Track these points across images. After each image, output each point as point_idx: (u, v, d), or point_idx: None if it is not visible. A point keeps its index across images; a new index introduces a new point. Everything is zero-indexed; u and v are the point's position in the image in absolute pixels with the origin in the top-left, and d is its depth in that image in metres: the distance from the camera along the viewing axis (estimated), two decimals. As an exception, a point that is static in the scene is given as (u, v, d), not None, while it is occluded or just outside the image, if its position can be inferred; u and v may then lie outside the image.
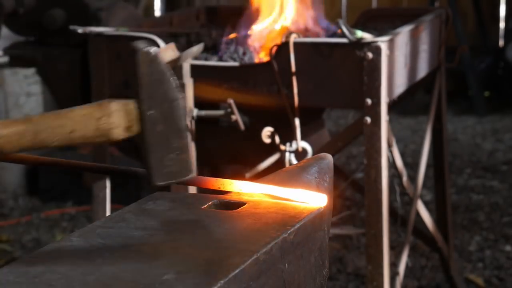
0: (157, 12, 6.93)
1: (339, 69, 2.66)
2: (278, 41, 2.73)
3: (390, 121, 2.70)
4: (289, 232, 1.12)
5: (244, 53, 2.82)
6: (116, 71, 2.90)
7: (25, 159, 1.36)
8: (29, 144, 1.11)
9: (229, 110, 2.61)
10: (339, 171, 3.58)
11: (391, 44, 2.65)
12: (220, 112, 2.66)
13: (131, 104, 1.15)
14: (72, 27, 2.97)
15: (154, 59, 1.14)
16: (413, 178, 3.22)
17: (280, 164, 2.74)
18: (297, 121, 2.70)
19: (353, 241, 4.24)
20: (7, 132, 1.11)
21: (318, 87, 2.70)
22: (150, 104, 1.13)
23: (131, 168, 1.33)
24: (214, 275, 0.99)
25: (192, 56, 2.58)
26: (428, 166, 3.46)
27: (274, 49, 2.69)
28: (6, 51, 5.12)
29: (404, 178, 3.02)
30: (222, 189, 1.24)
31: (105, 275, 1.00)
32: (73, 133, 1.13)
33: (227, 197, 1.26)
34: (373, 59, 2.58)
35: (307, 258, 1.17)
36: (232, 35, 2.88)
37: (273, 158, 2.82)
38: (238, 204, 1.22)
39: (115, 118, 1.14)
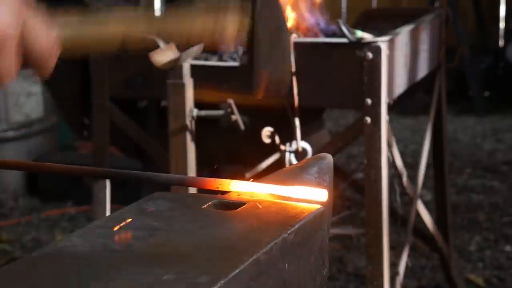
0: (157, 12, 6.93)
1: (339, 69, 2.66)
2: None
3: (390, 121, 2.70)
4: (289, 232, 1.12)
5: (244, 53, 2.82)
6: (116, 71, 2.90)
7: (23, 166, 1.36)
8: (154, 31, 1.20)
9: (229, 110, 2.61)
10: (339, 171, 3.58)
11: (391, 44, 2.65)
12: (220, 112, 2.66)
13: (245, 18, 1.23)
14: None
15: None
16: (413, 178, 3.22)
17: (280, 164, 2.74)
18: (297, 121, 2.70)
19: (353, 241, 4.24)
20: (138, 17, 1.19)
21: (318, 87, 2.70)
22: (261, 22, 1.23)
23: (132, 172, 1.33)
24: (214, 275, 0.99)
25: (192, 56, 2.58)
26: (428, 166, 3.46)
27: (274, 49, 2.69)
28: (6, 51, 5.11)
29: (404, 178, 3.02)
30: (220, 189, 1.24)
31: (105, 275, 1.00)
32: (189, 40, 1.25)
33: (227, 197, 1.26)
34: (373, 59, 2.58)
35: (307, 258, 1.17)
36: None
37: (273, 158, 2.82)
38: (238, 204, 1.22)
39: (228, 30, 1.21)
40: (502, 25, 7.61)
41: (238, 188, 1.24)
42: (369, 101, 2.61)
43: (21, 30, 1.03)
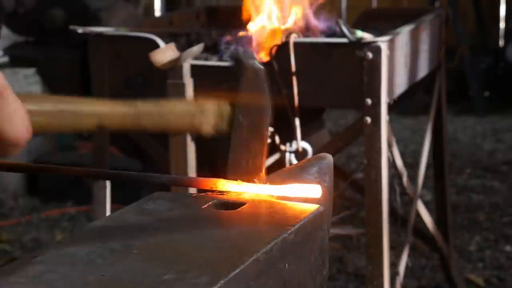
0: (157, 12, 6.93)
1: (339, 69, 2.66)
2: (278, 41, 2.73)
3: (390, 121, 2.70)
4: (289, 232, 1.12)
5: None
6: (116, 71, 2.90)
7: (23, 167, 1.37)
8: (129, 125, 1.21)
9: (229, 110, 2.60)
10: (339, 171, 3.58)
11: (391, 44, 2.65)
12: (220, 112, 2.65)
13: (225, 107, 1.25)
14: (72, 27, 2.97)
15: (258, 74, 1.24)
16: (413, 178, 3.22)
17: (280, 164, 2.74)
18: (297, 121, 2.70)
19: (353, 241, 4.24)
20: (112, 112, 1.19)
21: (318, 87, 2.70)
22: (244, 112, 1.23)
23: (121, 172, 1.33)
24: (214, 275, 0.99)
25: (192, 56, 2.58)
26: (428, 166, 3.46)
27: (274, 49, 2.69)
28: (6, 51, 5.13)
29: (404, 178, 3.02)
30: (214, 189, 1.24)
31: (105, 275, 1.00)
32: (169, 124, 1.25)
33: (227, 197, 1.26)
34: (373, 59, 2.58)
35: (307, 258, 1.17)
36: (231, 36, 2.88)
37: (273, 158, 2.82)
38: (238, 204, 1.22)
39: (208, 117, 1.24)
40: (502, 25, 7.61)
41: (232, 188, 1.24)
42: (369, 101, 2.61)
43: None
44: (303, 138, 2.74)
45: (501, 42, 7.59)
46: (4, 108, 1.02)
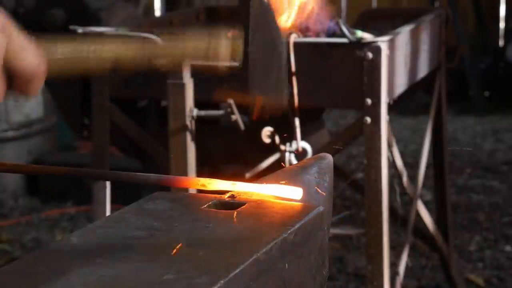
0: (157, 12, 6.93)
1: (339, 69, 2.66)
2: (278, 41, 2.73)
3: (390, 121, 2.70)
4: (289, 232, 1.12)
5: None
6: (116, 71, 2.89)
7: (23, 169, 1.37)
8: (144, 62, 1.19)
9: (229, 110, 2.61)
10: (339, 171, 3.58)
11: (391, 44, 2.65)
12: (220, 112, 2.65)
13: (238, 42, 1.23)
14: (72, 27, 2.97)
15: (265, 5, 1.23)
16: (413, 178, 3.22)
17: (280, 164, 2.74)
18: (297, 121, 2.70)
19: (353, 241, 4.24)
20: (129, 47, 1.17)
21: (318, 87, 2.70)
22: (255, 44, 1.23)
23: (131, 173, 1.32)
24: (214, 275, 0.99)
25: (192, 56, 2.57)
26: (428, 166, 3.47)
27: (274, 49, 2.69)
28: (6, 51, 5.12)
29: (404, 178, 3.02)
30: (203, 188, 1.24)
31: (105, 275, 1.00)
32: (183, 59, 1.28)
33: (227, 197, 1.26)
34: (373, 59, 2.58)
35: (307, 258, 1.17)
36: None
37: (273, 158, 2.82)
38: (238, 204, 1.22)
39: (222, 49, 1.22)
40: (502, 25, 7.61)
41: (221, 187, 1.24)
42: (369, 101, 2.61)
43: (6, 49, 1.01)
44: (303, 138, 2.74)
45: (501, 42, 7.59)
46: (11, 43, 1.01)
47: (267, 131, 2.67)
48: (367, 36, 2.68)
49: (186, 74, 2.58)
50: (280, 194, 1.23)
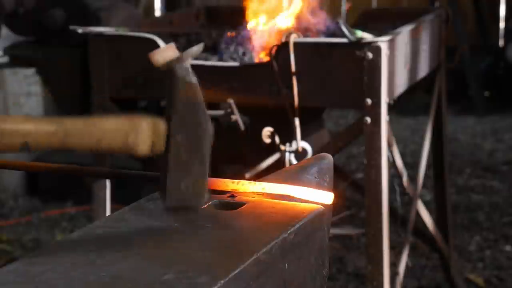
0: (157, 12, 6.93)
1: (339, 69, 2.66)
2: (278, 41, 2.73)
3: (390, 121, 2.70)
4: (289, 232, 1.12)
5: (244, 53, 2.82)
6: (116, 71, 2.90)
7: (23, 166, 1.36)
8: (56, 145, 1.13)
9: (229, 110, 2.61)
10: (339, 171, 3.58)
11: (391, 44, 2.65)
12: (220, 112, 2.65)
13: (160, 125, 1.15)
14: (72, 27, 2.97)
15: (192, 87, 1.15)
16: (413, 178, 3.22)
17: (280, 164, 2.74)
18: (297, 121, 2.70)
19: (353, 241, 4.23)
20: (38, 130, 1.13)
21: (318, 87, 2.70)
22: (180, 129, 1.14)
23: (134, 171, 1.33)
24: (214, 275, 0.99)
25: (192, 56, 2.58)
26: (428, 166, 3.46)
27: (274, 49, 2.69)
28: (6, 51, 5.12)
29: (404, 178, 3.02)
30: (235, 191, 1.23)
31: (105, 275, 1.00)
32: (100, 143, 1.14)
33: (226, 197, 1.26)
34: (373, 59, 2.58)
35: (307, 258, 1.17)
36: (232, 33, 2.88)
37: (273, 158, 2.81)
38: (238, 204, 1.22)
39: (143, 136, 1.14)
40: (502, 25, 7.61)
41: (252, 189, 1.24)
42: (369, 101, 2.61)
43: None
44: (303, 138, 2.74)
45: (501, 42, 7.59)
46: None
47: (267, 131, 2.67)
48: (367, 36, 2.68)
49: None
50: (310, 198, 1.23)
